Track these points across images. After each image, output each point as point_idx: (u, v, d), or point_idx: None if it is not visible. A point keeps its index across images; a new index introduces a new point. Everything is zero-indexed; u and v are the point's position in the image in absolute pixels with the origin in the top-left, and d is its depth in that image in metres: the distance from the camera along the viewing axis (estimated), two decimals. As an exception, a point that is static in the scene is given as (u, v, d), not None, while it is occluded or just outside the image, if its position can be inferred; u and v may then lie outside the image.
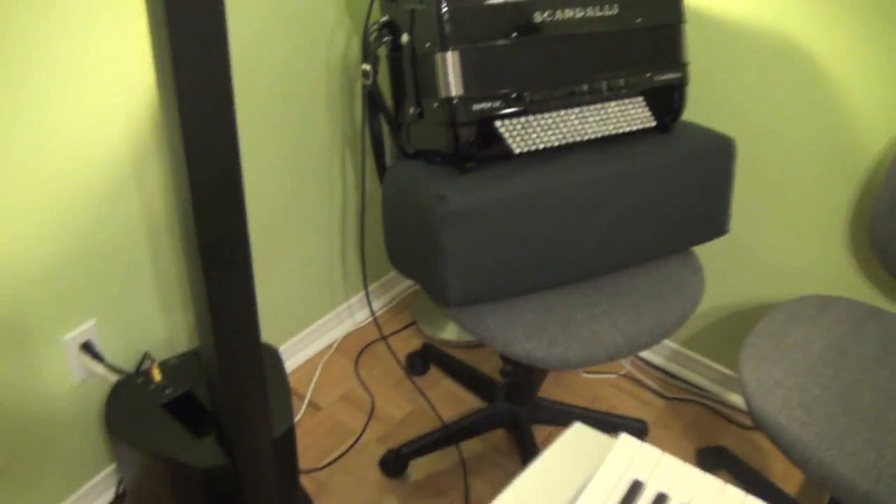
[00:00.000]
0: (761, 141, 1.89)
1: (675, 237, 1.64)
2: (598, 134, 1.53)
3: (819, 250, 1.92)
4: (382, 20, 1.58)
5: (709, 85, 1.92)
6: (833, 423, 1.40)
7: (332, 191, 2.20)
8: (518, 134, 1.46)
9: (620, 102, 1.53)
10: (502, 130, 1.45)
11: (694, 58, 1.90)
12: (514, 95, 1.44)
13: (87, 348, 1.72)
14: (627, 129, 1.55)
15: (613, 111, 1.52)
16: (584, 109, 1.50)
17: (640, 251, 1.61)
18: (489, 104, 1.42)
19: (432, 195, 1.41)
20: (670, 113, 1.58)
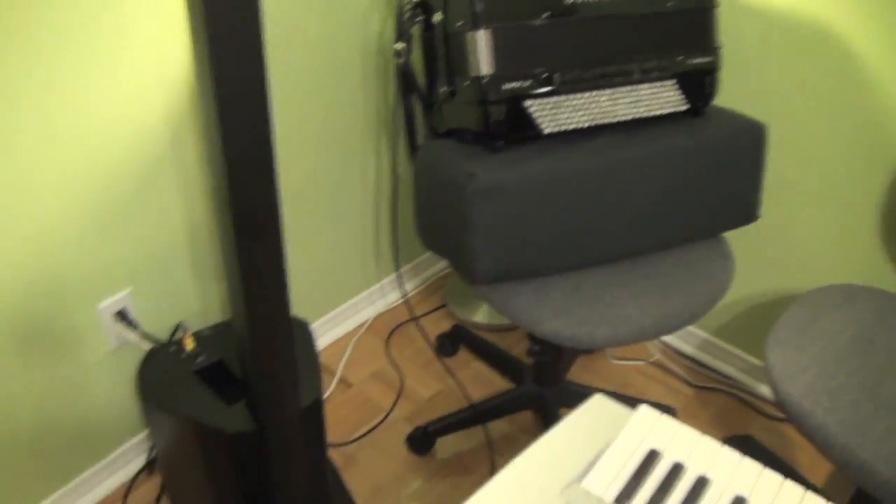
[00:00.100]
0: (793, 127, 1.89)
1: (705, 222, 1.64)
2: (629, 116, 1.54)
3: (850, 240, 1.92)
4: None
5: (741, 70, 1.92)
6: (857, 411, 1.40)
7: (366, 171, 2.22)
8: (548, 114, 1.47)
9: (652, 85, 1.54)
10: (532, 110, 1.46)
11: (726, 42, 1.90)
12: (545, 75, 1.45)
13: (122, 316, 1.76)
14: (659, 113, 1.56)
15: (645, 94, 1.53)
16: (616, 91, 1.51)
17: (669, 235, 1.62)
18: (519, 83, 1.43)
19: (462, 172, 1.43)
20: (702, 97, 1.59)
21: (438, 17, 1.52)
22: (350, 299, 2.43)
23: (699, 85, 1.58)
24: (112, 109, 1.55)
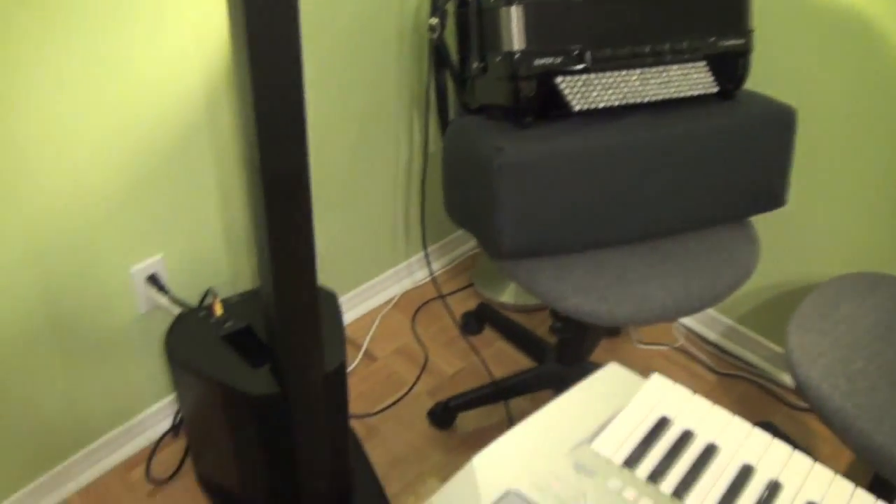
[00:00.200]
0: (822, 113, 1.88)
1: (732, 206, 1.64)
2: (659, 97, 1.54)
3: (876, 228, 1.91)
4: (452, -25, 1.62)
5: (771, 53, 1.92)
6: (875, 396, 1.41)
7: (398, 148, 2.24)
8: (578, 91, 1.48)
9: (683, 66, 1.54)
10: (563, 87, 1.47)
11: (758, 25, 1.89)
12: (577, 53, 1.46)
13: (153, 281, 1.80)
14: (688, 94, 1.56)
15: (675, 74, 1.54)
16: (646, 71, 1.52)
17: (695, 217, 1.62)
18: (551, 60, 1.45)
19: (490, 146, 1.45)
20: (733, 80, 1.59)
21: (472, -8, 1.54)
22: (378, 276, 2.46)
23: (730, 67, 1.58)
24: (153, 74, 1.58)
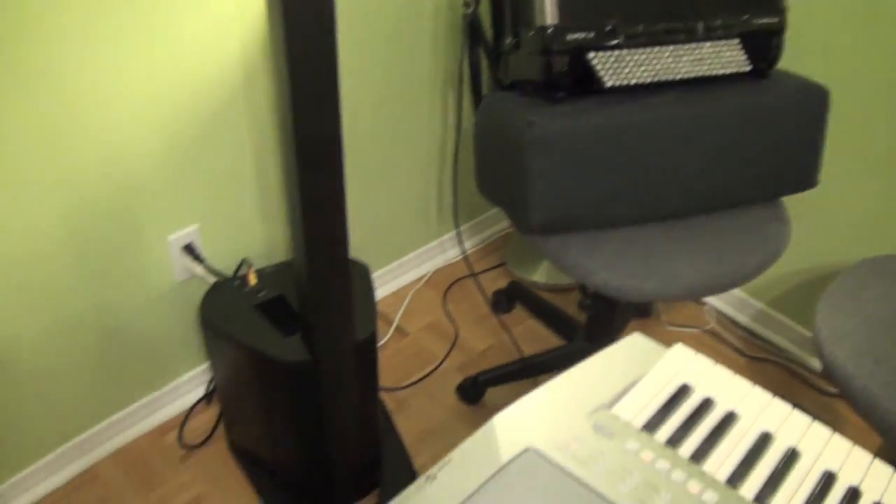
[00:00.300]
0: (855, 93, 1.87)
1: (763, 185, 1.64)
2: (692, 74, 1.55)
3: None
4: (487, -49, 1.63)
5: (804, 32, 1.91)
6: (902, 376, 1.41)
7: (432, 126, 2.26)
8: (610, 67, 1.49)
9: (716, 44, 1.54)
10: (595, 62, 1.48)
11: (792, 3, 1.89)
12: (609, 28, 1.47)
13: (189, 250, 1.83)
14: (721, 72, 1.56)
15: (708, 52, 1.54)
16: (679, 48, 1.52)
17: (726, 195, 1.63)
18: (583, 35, 1.46)
19: (522, 120, 1.46)
20: (767, 59, 1.59)
21: (507, -33, 1.55)
22: (410, 253, 2.48)
23: (764, 46, 1.58)
24: (195, 43, 1.60)
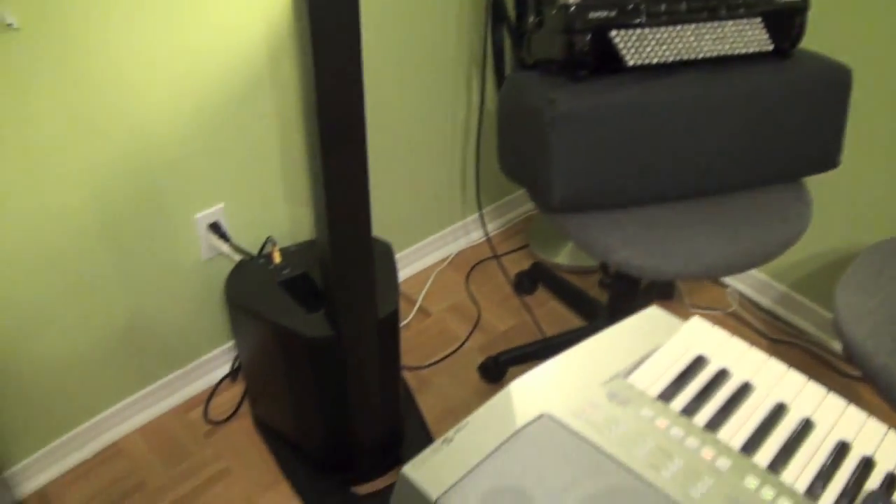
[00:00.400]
0: (877, 73, 1.87)
1: (785, 165, 1.64)
2: (714, 53, 1.55)
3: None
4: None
5: (827, 11, 1.90)
6: (922, 355, 1.41)
7: (456, 108, 2.27)
8: (632, 45, 1.50)
9: (738, 23, 1.54)
10: (617, 41, 1.49)
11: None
12: (631, 7, 1.47)
13: (215, 228, 1.86)
14: (743, 51, 1.56)
15: (730, 31, 1.54)
16: (701, 27, 1.53)
17: (748, 175, 1.63)
18: (605, 13, 1.46)
19: (544, 98, 1.47)
20: (789, 38, 1.58)
21: (529, -55, 1.56)
22: (434, 234, 2.50)
23: (787, 25, 1.58)
24: (221, 24, 1.62)
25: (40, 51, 1.40)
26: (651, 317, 1.09)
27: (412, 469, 0.82)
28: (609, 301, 2.07)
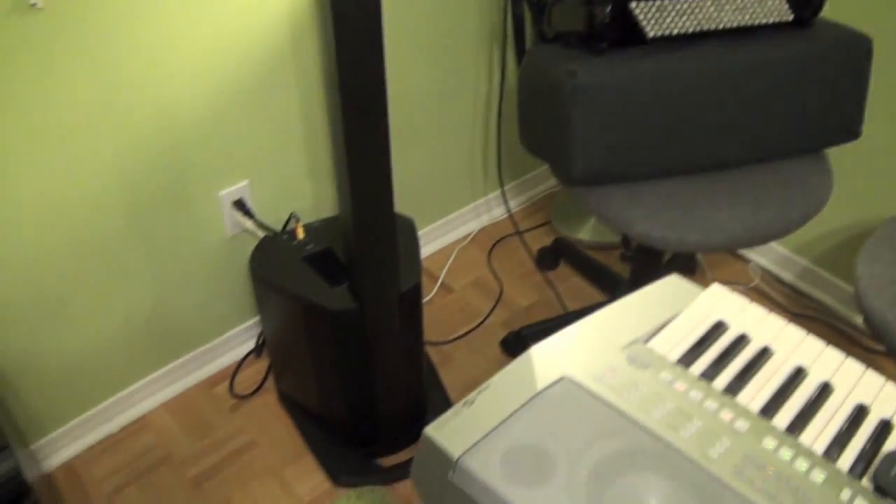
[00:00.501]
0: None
1: (805, 136, 1.64)
2: (734, 24, 1.55)
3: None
4: None
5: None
6: (945, 325, 1.41)
7: (477, 84, 2.27)
8: (653, 17, 1.50)
9: (759, -7, 1.54)
10: (637, 12, 1.49)
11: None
12: (651, -22, 1.47)
13: (239, 205, 1.88)
14: (763, 21, 1.56)
15: (750, 1, 1.54)
16: (722, -2, 1.53)
17: (768, 146, 1.63)
18: (625, -16, 1.47)
19: (564, 70, 1.48)
20: (809, 8, 1.58)
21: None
22: (456, 211, 2.51)
23: (807, -5, 1.58)
24: (245, 1, 1.64)
25: (63, 30, 1.42)
26: (671, 284, 1.09)
27: (434, 429, 0.84)
28: (631, 276, 2.07)
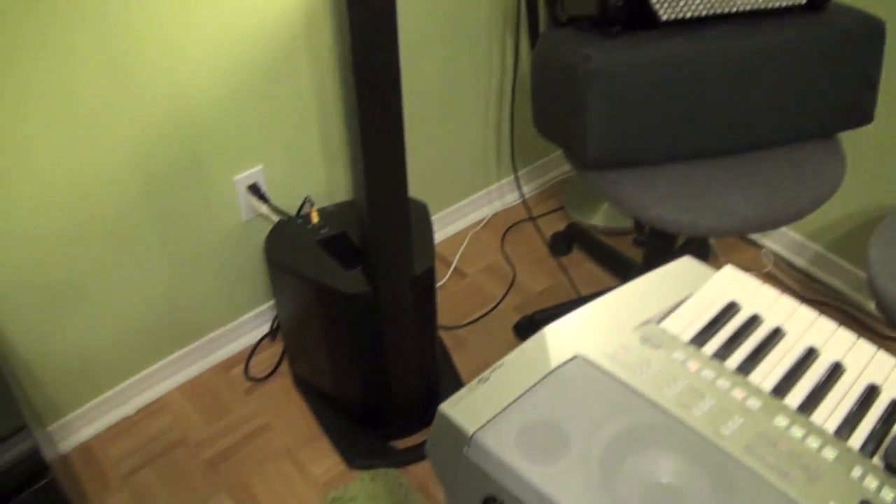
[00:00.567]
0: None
1: (818, 120, 1.64)
2: (747, 6, 1.55)
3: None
4: None
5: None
6: (958, 308, 1.42)
7: (490, 69, 2.28)
8: (666, 0, 1.50)
9: (773, -24, 1.54)
10: (651, -4, 1.49)
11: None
12: (665, -39, 1.48)
13: (254, 190, 1.89)
14: (777, 4, 1.56)
15: (765, -15, 1.54)
16: (735, -19, 1.53)
17: (781, 131, 1.63)
18: (639, -32, 1.47)
19: (578, 54, 1.48)
20: (823, -9, 1.59)
21: None
22: (469, 196, 2.51)
23: (821, -22, 1.58)
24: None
25: (84, 12, 1.43)
26: (684, 265, 1.10)
27: (449, 406, 0.85)
28: (644, 261, 2.07)
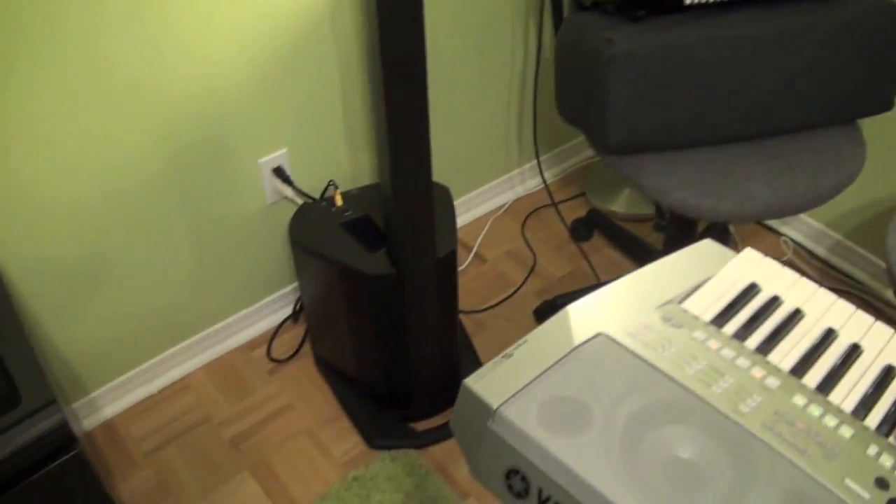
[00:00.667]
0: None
1: (839, 106, 1.65)
2: (771, -7, 1.56)
3: None
4: None
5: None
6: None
7: (514, 54, 2.29)
8: (690, -14, 1.51)
9: (796, -38, 1.55)
10: (674, -18, 1.51)
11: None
12: (689, -53, 1.49)
13: (279, 173, 1.91)
14: (800, -10, 1.57)
15: (788, -30, 1.55)
16: (759, -33, 1.54)
17: (802, 117, 1.64)
18: (663, -46, 1.48)
19: (601, 39, 1.49)
20: (846, -22, 1.59)
21: None
22: (491, 181, 2.53)
23: (843, -36, 1.58)
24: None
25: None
26: (705, 247, 1.12)
27: (473, 381, 0.87)
28: (664, 247, 2.08)
